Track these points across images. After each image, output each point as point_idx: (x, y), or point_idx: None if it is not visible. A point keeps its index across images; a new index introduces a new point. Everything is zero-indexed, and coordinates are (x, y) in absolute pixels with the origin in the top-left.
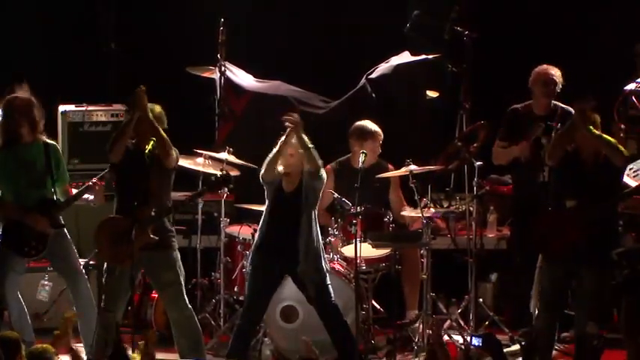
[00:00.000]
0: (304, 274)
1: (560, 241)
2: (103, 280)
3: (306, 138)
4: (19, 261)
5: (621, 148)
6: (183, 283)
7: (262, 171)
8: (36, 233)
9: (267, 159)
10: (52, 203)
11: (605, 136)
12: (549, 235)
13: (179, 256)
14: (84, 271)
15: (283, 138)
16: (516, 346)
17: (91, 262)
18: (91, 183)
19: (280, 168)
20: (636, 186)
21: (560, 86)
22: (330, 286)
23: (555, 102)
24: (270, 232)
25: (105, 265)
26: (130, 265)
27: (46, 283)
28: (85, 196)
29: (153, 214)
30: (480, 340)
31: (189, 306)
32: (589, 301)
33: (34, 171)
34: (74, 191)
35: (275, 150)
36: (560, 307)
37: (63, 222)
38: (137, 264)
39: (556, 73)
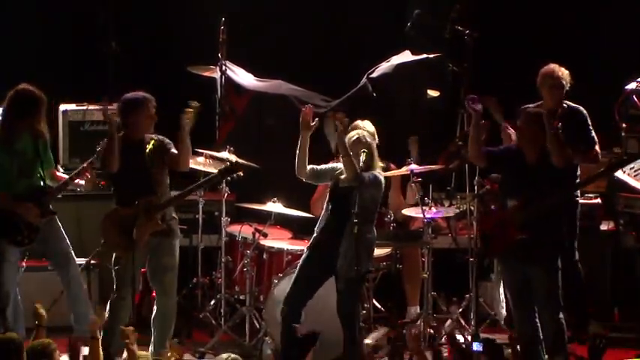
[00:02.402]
0: (340, 269)
1: (500, 241)
2: (113, 270)
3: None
4: (12, 251)
5: (568, 150)
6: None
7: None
8: (27, 222)
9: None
10: (42, 191)
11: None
12: (491, 234)
13: (179, 244)
14: (85, 271)
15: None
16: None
17: (92, 262)
18: (82, 167)
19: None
20: (578, 183)
21: (569, 86)
22: (357, 292)
23: (567, 102)
24: (329, 221)
25: (114, 256)
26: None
27: None
28: (77, 181)
29: (162, 201)
30: (481, 346)
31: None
32: (545, 302)
33: (24, 159)
34: (64, 176)
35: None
36: (529, 304)
37: (53, 210)
38: (145, 251)
39: (563, 74)
